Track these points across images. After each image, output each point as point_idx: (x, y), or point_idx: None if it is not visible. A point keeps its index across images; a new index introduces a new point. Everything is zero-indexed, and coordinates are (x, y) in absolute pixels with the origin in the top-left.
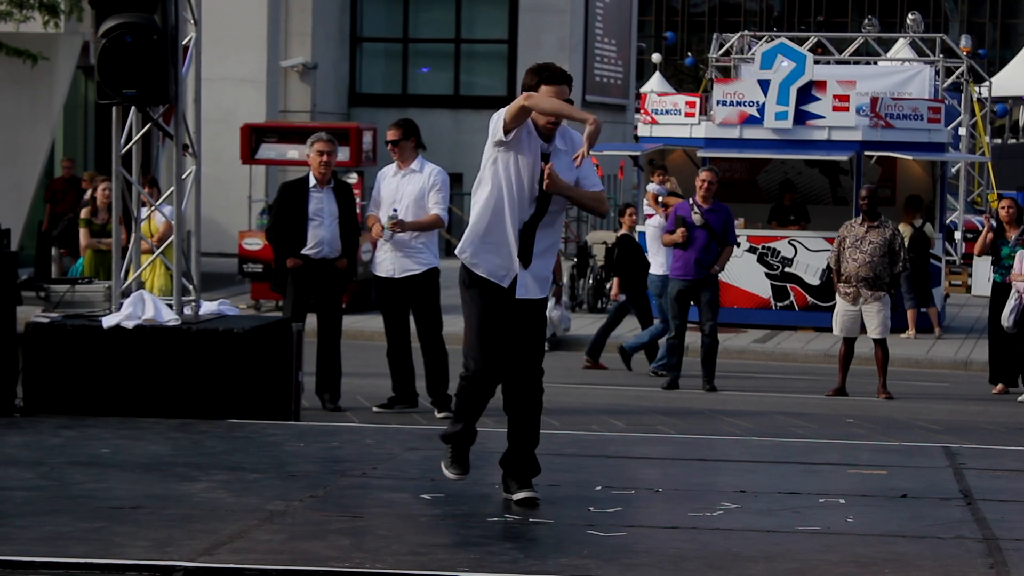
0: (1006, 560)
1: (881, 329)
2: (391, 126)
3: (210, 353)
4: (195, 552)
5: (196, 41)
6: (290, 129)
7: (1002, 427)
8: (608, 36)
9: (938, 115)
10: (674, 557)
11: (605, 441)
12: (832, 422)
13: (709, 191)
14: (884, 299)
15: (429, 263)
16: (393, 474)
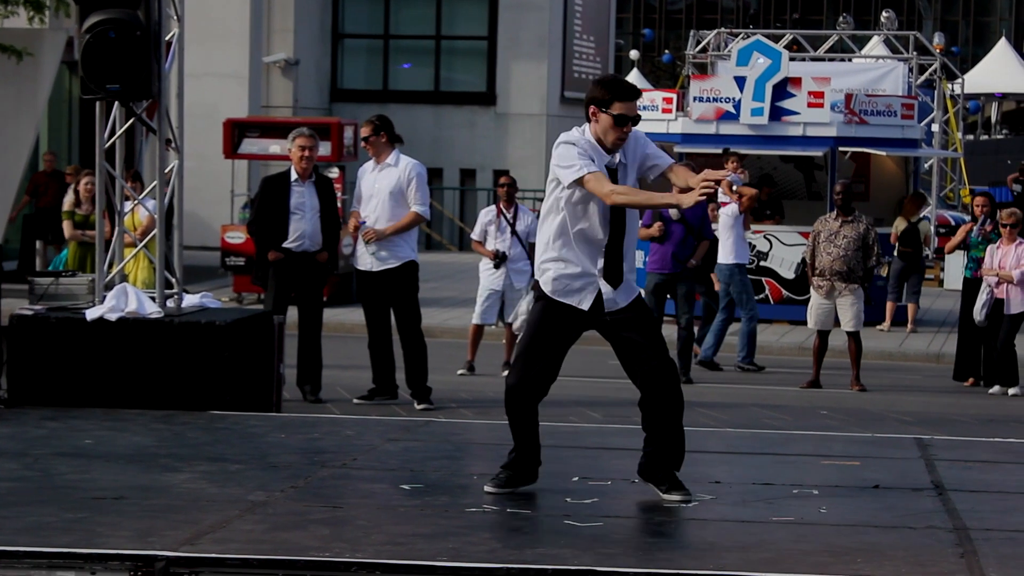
0: (976, 550)
1: (855, 322)
2: (363, 124)
3: (192, 345)
4: (177, 542)
5: (179, 37)
6: (272, 124)
7: (973, 419)
8: (587, 33)
9: (911, 111)
10: (650, 547)
11: (583, 433)
12: (806, 414)
13: None
14: (858, 292)
15: (407, 257)
16: (373, 465)
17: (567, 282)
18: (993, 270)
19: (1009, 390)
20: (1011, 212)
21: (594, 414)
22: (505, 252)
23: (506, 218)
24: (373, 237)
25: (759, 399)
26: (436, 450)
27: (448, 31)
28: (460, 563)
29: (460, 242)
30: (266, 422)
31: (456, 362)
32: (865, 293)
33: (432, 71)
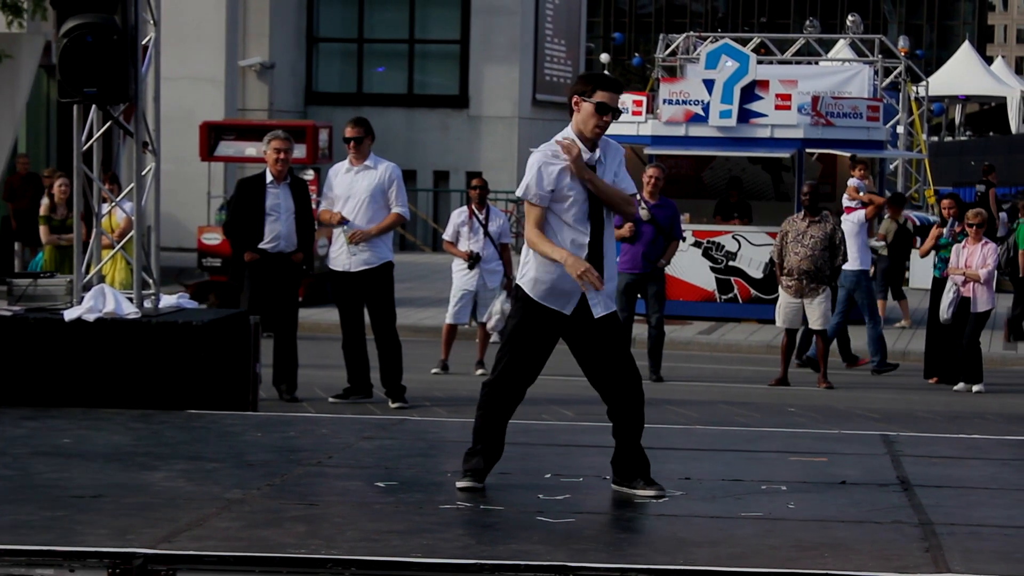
0: (941, 544)
1: (822, 321)
2: (351, 124)
3: (169, 345)
4: (155, 539)
5: (155, 41)
6: (248, 127)
7: (938, 416)
8: (558, 36)
9: (877, 113)
10: (621, 542)
11: (555, 430)
12: (774, 411)
13: (656, 187)
14: (825, 292)
15: (384, 257)
16: (348, 463)
17: (550, 285)
18: (960, 269)
19: (973, 387)
20: (977, 212)
21: (566, 412)
22: (478, 253)
23: (478, 219)
24: (360, 238)
25: (728, 397)
26: (410, 448)
27: (421, 35)
28: (434, 559)
29: (434, 243)
30: (243, 421)
31: (430, 361)
32: (832, 292)
33: (405, 74)
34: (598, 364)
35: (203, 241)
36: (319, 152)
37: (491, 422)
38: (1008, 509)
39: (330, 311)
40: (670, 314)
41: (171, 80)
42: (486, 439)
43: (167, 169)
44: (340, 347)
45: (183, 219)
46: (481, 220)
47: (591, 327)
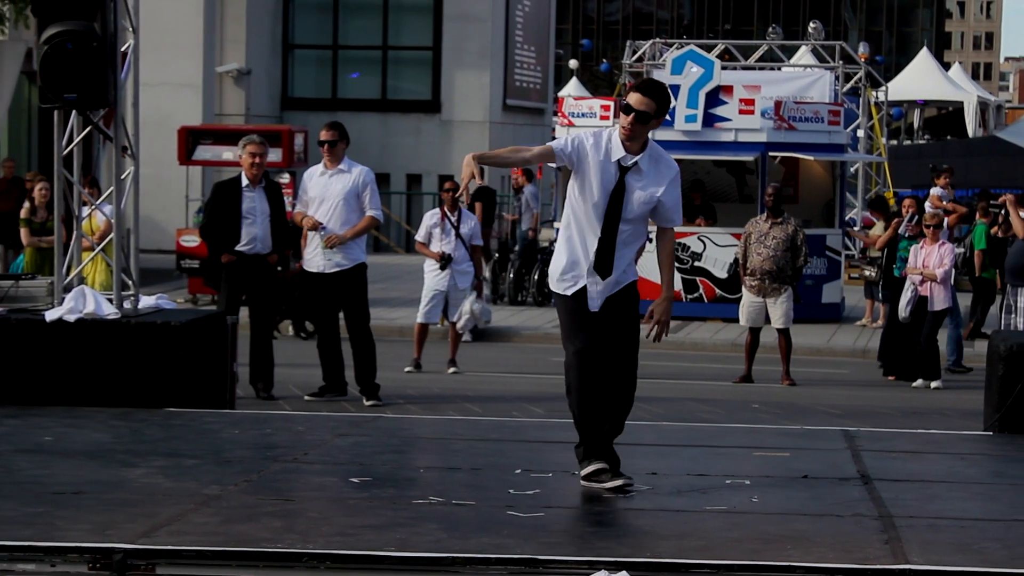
0: (900, 536)
1: (784, 319)
2: (325, 127)
3: (149, 345)
4: (134, 535)
5: (134, 48)
6: (225, 131)
7: (897, 411)
8: (528, 43)
9: (838, 118)
10: (589, 536)
11: (525, 427)
12: (738, 407)
13: None
14: (787, 291)
15: (357, 259)
16: (323, 459)
17: (561, 271)
18: (917, 269)
19: (931, 383)
20: (934, 214)
21: (536, 409)
22: (450, 254)
23: (450, 221)
24: (336, 242)
25: (694, 394)
26: (384, 445)
27: (394, 42)
28: (407, 552)
29: (407, 244)
30: (220, 418)
31: (403, 360)
32: (794, 291)
33: (379, 80)
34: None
35: (181, 243)
36: (295, 156)
37: (585, 411)
38: (965, 502)
39: None
40: None
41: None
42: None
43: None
44: (315, 346)
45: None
46: (453, 222)
47: (605, 316)
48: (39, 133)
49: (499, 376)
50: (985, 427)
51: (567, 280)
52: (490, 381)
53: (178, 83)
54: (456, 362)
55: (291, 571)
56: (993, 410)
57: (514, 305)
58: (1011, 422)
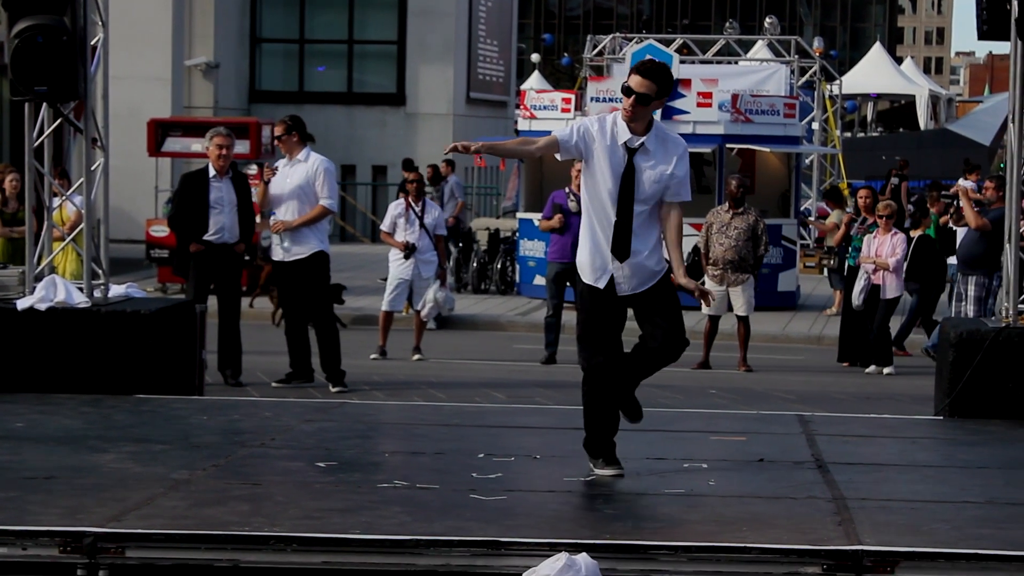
0: (852, 518)
1: (746, 307)
2: (277, 122)
3: (119, 333)
4: (104, 518)
5: (104, 41)
6: (194, 124)
7: (851, 396)
8: (490, 37)
9: (793, 111)
10: (550, 518)
11: (488, 412)
12: (696, 393)
13: None
14: (749, 280)
15: (315, 247)
16: (290, 444)
17: (589, 261)
18: (870, 258)
19: (884, 369)
20: (887, 204)
21: (498, 395)
22: (414, 243)
23: (414, 211)
24: (281, 229)
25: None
26: (350, 430)
27: (360, 36)
28: (372, 535)
29: (372, 234)
30: (189, 405)
31: (368, 347)
32: (755, 280)
33: (345, 73)
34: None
35: (151, 233)
36: (262, 148)
37: (595, 404)
38: (915, 484)
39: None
40: None
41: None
42: (595, 423)
43: (116, 164)
44: (282, 334)
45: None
46: (417, 212)
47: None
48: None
49: (462, 363)
50: (936, 412)
51: (596, 271)
52: (454, 368)
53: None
54: (420, 349)
55: (258, 553)
56: (943, 395)
57: (477, 293)
58: (961, 407)
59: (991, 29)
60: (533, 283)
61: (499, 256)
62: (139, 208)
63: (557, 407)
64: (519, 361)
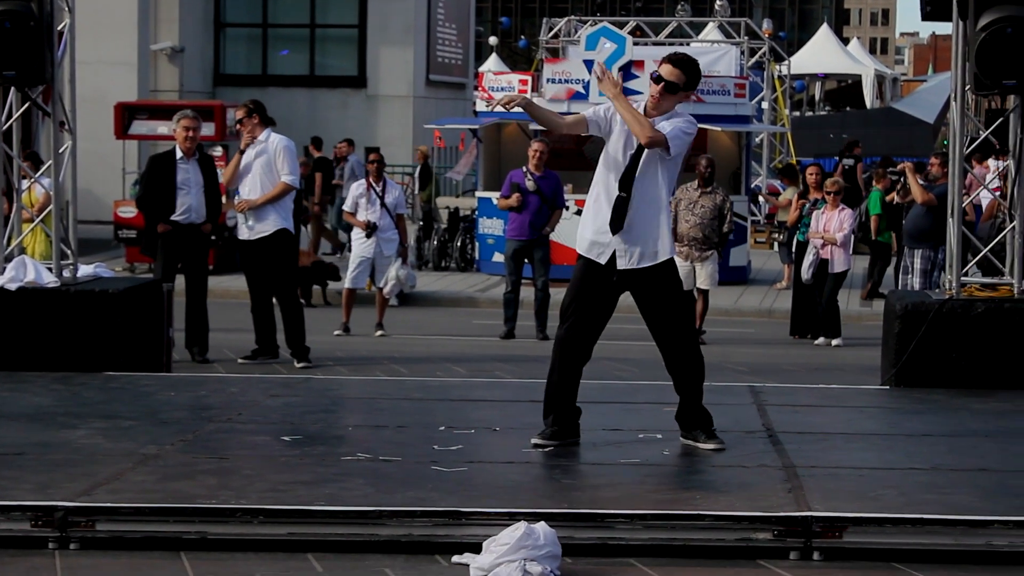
0: (802, 485)
1: (709, 281)
2: (238, 106)
3: (88, 312)
4: (75, 493)
5: (70, 27)
6: (160, 107)
7: (800, 368)
8: (449, 21)
9: (743, 91)
10: (510, 488)
11: (448, 386)
12: (651, 366)
13: (541, 160)
14: (713, 256)
15: (277, 225)
16: (256, 419)
17: (589, 239)
18: (819, 233)
19: (833, 341)
20: (834, 181)
21: (459, 369)
22: (375, 223)
23: (376, 191)
24: (245, 207)
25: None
26: (314, 404)
27: (321, 20)
28: (336, 507)
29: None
30: (157, 381)
31: (332, 323)
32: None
33: (307, 57)
34: (652, 319)
35: (119, 214)
36: (227, 130)
37: (562, 380)
38: (862, 452)
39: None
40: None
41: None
42: (557, 399)
43: (83, 147)
44: (248, 311)
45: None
46: (378, 192)
47: (641, 282)
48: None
49: (424, 338)
50: (882, 382)
51: (598, 246)
52: (415, 343)
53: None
54: (383, 325)
55: (226, 525)
56: (889, 365)
57: (438, 271)
58: (906, 377)
59: (934, 10)
60: (492, 260)
61: (459, 234)
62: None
63: (516, 381)
64: (479, 336)
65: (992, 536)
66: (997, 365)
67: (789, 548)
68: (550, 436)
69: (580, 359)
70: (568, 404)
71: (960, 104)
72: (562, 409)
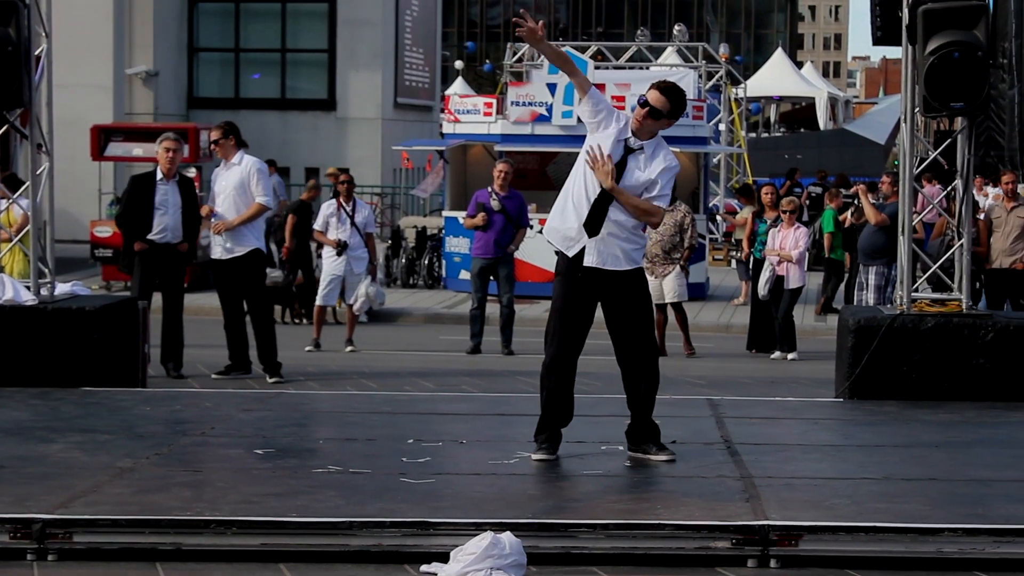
0: (759, 494)
1: (675, 294)
2: (213, 127)
3: (65, 329)
4: (53, 505)
5: (47, 52)
6: (135, 129)
7: (757, 381)
8: (416, 45)
9: (701, 113)
10: (476, 499)
11: (416, 400)
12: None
13: (505, 180)
14: (677, 270)
15: (251, 245)
16: (230, 433)
17: (559, 230)
18: (775, 250)
19: (789, 355)
20: (790, 200)
21: (427, 383)
22: (346, 241)
23: (346, 211)
24: (223, 228)
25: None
26: (286, 418)
27: (292, 45)
28: (308, 518)
29: None
30: (133, 396)
31: (303, 340)
32: (684, 270)
33: (279, 80)
34: (616, 333)
35: (95, 234)
36: (200, 152)
37: (553, 390)
38: (817, 463)
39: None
40: (520, 294)
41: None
42: (551, 407)
43: (60, 168)
44: (222, 328)
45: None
46: (348, 212)
47: (609, 286)
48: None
49: (393, 354)
50: (836, 394)
51: (567, 240)
52: (384, 358)
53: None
54: (353, 341)
55: (200, 536)
56: (843, 378)
57: (406, 288)
58: (859, 389)
59: (884, 35)
60: (459, 278)
61: (426, 252)
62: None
63: (482, 395)
64: (446, 351)
65: (942, 543)
66: (946, 378)
67: (747, 556)
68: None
69: (568, 376)
70: (562, 424)
71: (910, 126)
72: (557, 428)
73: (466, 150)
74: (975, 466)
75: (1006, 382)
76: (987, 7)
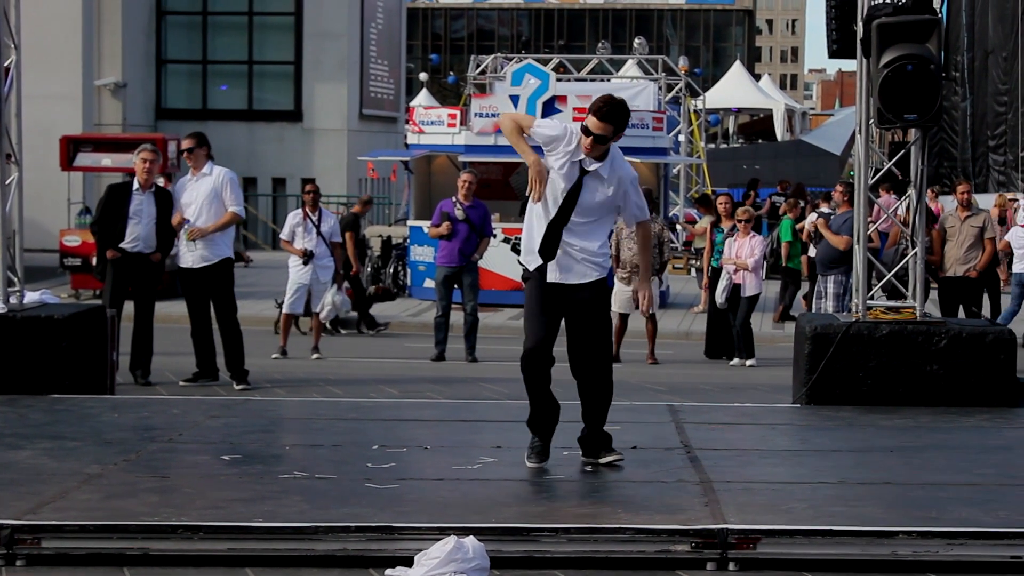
0: (718, 499)
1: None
2: (185, 137)
3: (34, 337)
4: (21, 511)
5: (16, 63)
6: (104, 140)
7: (716, 387)
8: (381, 58)
9: (661, 124)
10: (440, 504)
11: (381, 406)
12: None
13: (469, 190)
14: (653, 281)
15: (222, 254)
16: (197, 439)
17: (525, 242)
18: (732, 259)
19: (747, 362)
20: (745, 210)
21: (391, 390)
22: (312, 250)
23: (312, 220)
24: (198, 235)
25: None
26: (253, 425)
27: (259, 57)
28: (274, 523)
29: (272, 242)
30: (101, 403)
31: (270, 347)
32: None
33: (246, 92)
34: (573, 344)
35: (64, 243)
36: (168, 162)
37: (533, 379)
38: (775, 467)
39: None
40: (483, 302)
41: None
42: (535, 397)
43: (30, 178)
44: (189, 336)
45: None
46: (314, 221)
47: (570, 294)
48: None
49: (358, 361)
50: (793, 400)
51: (530, 253)
52: (350, 366)
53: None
54: (319, 349)
55: (167, 542)
56: (800, 384)
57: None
58: (816, 395)
59: (840, 48)
60: (423, 286)
61: (391, 261)
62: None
63: (446, 401)
64: (411, 359)
65: (897, 546)
66: (901, 384)
67: (706, 559)
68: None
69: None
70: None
71: (864, 137)
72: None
73: (430, 161)
74: (929, 470)
75: (959, 388)
76: (940, 21)
